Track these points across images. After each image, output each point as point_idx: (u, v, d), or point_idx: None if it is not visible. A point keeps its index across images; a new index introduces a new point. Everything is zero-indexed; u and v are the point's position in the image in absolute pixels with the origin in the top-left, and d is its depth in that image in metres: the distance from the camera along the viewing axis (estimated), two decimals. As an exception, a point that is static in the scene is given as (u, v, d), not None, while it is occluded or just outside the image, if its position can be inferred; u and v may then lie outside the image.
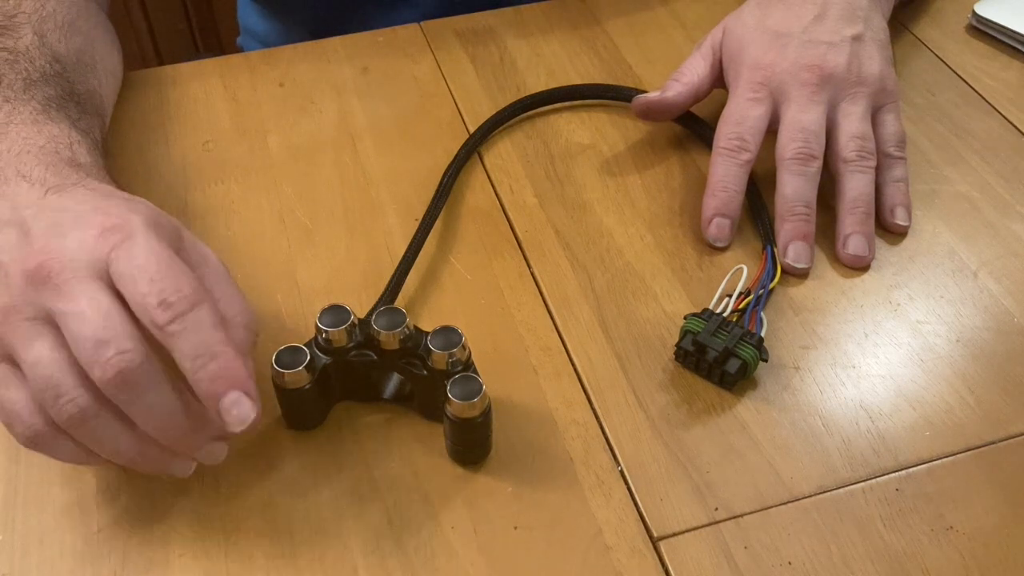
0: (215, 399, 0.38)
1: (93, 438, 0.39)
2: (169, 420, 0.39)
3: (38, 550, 0.42)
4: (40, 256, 0.39)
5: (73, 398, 0.37)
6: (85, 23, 0.58)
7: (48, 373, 0.38)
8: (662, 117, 0.60)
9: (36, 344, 0.38)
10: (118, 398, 0.38)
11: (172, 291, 0.38)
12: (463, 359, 0.43)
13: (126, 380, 0.37)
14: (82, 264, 0.39)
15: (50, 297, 0.38)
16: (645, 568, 0.41)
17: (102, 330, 0.37)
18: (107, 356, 0.37)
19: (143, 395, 0.38)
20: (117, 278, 0.39)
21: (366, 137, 0.61)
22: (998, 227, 0.55)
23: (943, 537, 0.42)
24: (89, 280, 0.39)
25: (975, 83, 0.65)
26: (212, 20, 1.44)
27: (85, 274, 0.39)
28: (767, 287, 0.50)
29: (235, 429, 0.39)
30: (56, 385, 0.38)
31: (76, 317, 0.38)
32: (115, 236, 0.39)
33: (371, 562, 0.41)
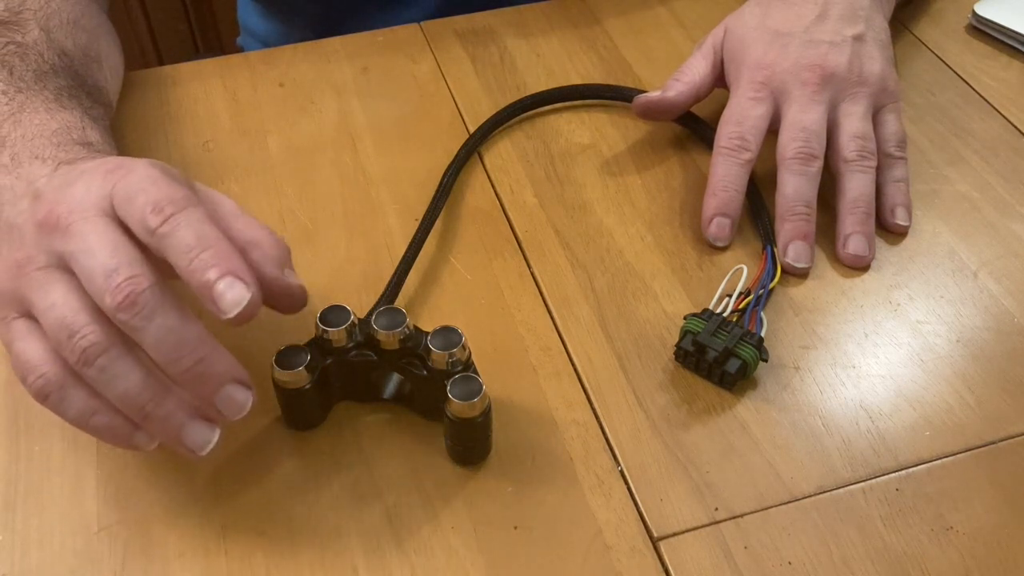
0: (209, 287, 0.37)
1: (104, 378, 0.38)
2: (182, 344, 0.37)
3: (38, 550, 0.42)
4: (49, 205, 0.40)
5: (85, 334, 0.37)
6: (89, 21, 0.58)
7: (62, 314, 0.38)
8: (663, 117, 0.60)
9: (50, 291, 0.39)
10: (130, 325, 0.37)
11: (164, 198, 0.38)
12: (463, 359, 0.43)
13: (135, 303, 0.37)
14: (89, 205, 0.39)
15: (60, 240, 0.39)
16: (645, 568, 0.41)
17: (110, 259, 0.37)
18: (116, 282, 0.37)
19: (153, 318, 0.37)
20: (118, 206, 0.39)
21: (366, 137, 0.61)
22: (998, 227, 0.55)
23: (943, 537, 0.42)
24: (96, 218, 0.39)
25: (975, 83, 0.65)
26: (212, 20, 1.44)
27: (92, 213, 0.39)
28: (767, 287, 0.50)
29: (230, 312, 0.37)
30: (69, 324, 0.38)
31: (85, 252, 0.38)
32: (118, 173, 0.40)
33: (371, 562, 0.41)
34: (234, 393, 0.39)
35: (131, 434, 0.39)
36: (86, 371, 0.38)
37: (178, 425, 0.39)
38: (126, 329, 0.38)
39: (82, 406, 0.39)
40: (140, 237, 0.38)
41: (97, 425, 0.39)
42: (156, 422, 0.38)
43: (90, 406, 0.39)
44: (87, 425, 0.39)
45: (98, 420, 0.39)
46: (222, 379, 0.38)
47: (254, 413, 0.45)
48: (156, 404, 0.38)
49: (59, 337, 0.38)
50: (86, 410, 0.39)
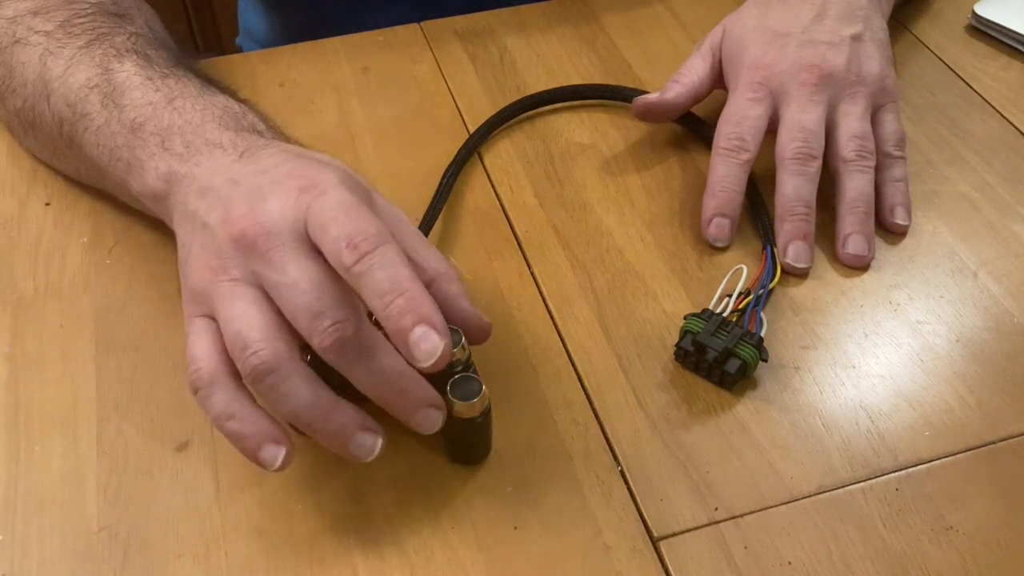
0: (404, 334, 0.38)
1: (273, 396, 0.39)
2: (387, 383, 0.39)
3: (38, 550, 0.42)
4: (244, 222, 0.40)
5: (257, 350, 0.38)
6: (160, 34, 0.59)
7: (238, 328, 0.39)
8: (662, 118, 0.60)
9: (235, 303, 0.40)
10: (338, 364, 0.39)
11: (358, 233, 0.39)
12: (463, 359, 0.43)
13: (343, 347, 0.38)
14: (285, 229, 0.40)
15: (259, 265, 0.40)
16: (645, 568, 0.41)
17: (316, 301, 0.38)
18: (324, 326, 0.38)
19: (360, 360, 0.39)
20: (312, 232, 0.40)
21: (366, 137, 0.61)
22: (998, 227, 0.55)
23: (943, 537, 0.42)
24: (294, 246, 0.40)
25: (975, 83, 0.65)
26: (212, 20, 1.43)
27: (289, 239, 0.40)
28: (767, 287, 0.50)
29: (424, 363, 0.38)
30: (244, 338, 0.39)
31: (289, 288, 0.39)
32: (310, 195, 0.41)
33: (371, 562, 0.41)
34: (430, 414, 0.41)
35: (260, 447, 0.40)
36: (256, 386, 0.39)
37: (346, 438, 0.40)
38: (334, 367, 0.39)
39: (221, 409, 0.40)
40: (336, 270, 0.39)
41: (230, 430, 0.40)
42: (323, 435, 0.40)
43: (228, 410, 0.39)
44: (222, 428, 0.40)
45: (232, 426, 0.40)
46: (419, 404, 0.40)
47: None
48: (324, 421, 0.40)
49: (233, 349, 0.39)
50: (223, 414, 0.40)
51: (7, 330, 0.49)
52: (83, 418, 0.46)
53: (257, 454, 0.39)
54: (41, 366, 0.48)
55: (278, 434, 0.39)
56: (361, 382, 0.39)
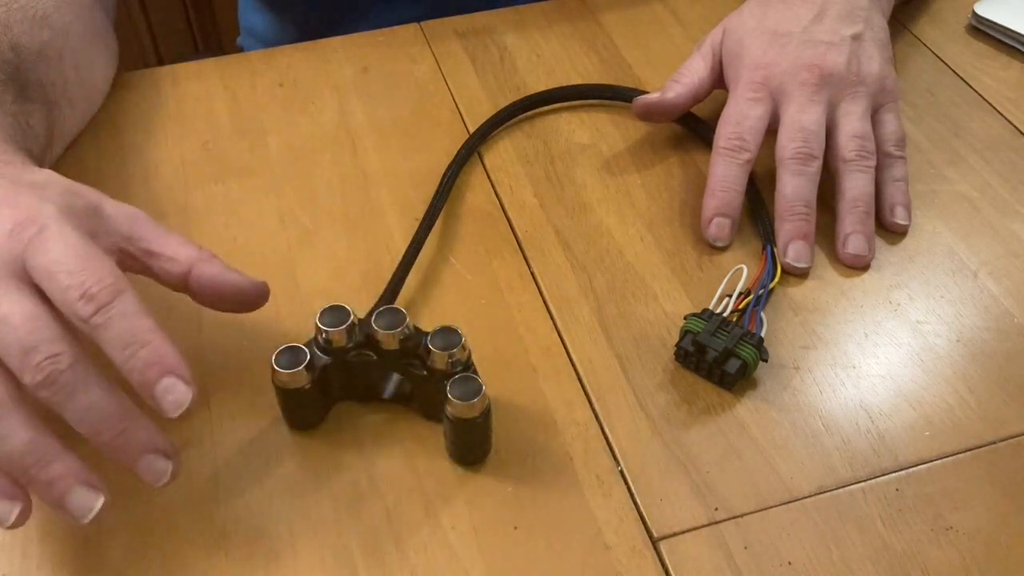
0: (150, 387, 0.38)
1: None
2: (105, 420, 0.38)
3: (38, 550, 0.42)
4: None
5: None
6: (60, 18, 0.57)
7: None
8: (662, 118, 0.60)
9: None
10: (51, 400, 0.37)
11: (93, 282, 0.38)
12: (463, 359, 0.43)
13: (55, 382, 0.37)
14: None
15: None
16: (645, 568, 0.41)
17: (28, 335, 0.37)
18: (35, 361, 0.36)
19: (75, 395, 0.37)
20: (35, 274, 0.38)
21: (366, 137, 0.61)
22: (998, 227, 0.55)
23: (943, 537, 0.42)
24: (8, 281, 0.38)
25: (975, 83, 0.65)
26: (212, 20, 1.44)
27: (2, 275, 0.38)
28: (767, 287, 0.50)
29: (172, 414, 0.38)
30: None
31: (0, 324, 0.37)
32: (27, 231, 0.39)
33: (371, 562, 0.41)
34: (154, 463, 0.39)
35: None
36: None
37: (62, 491, 0.37)
38: (48, 405, 0.37)
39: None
40: (66, 316, 0.38)
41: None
42: (40, 486, 0.37)
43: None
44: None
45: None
46: (143, 448, 0.38)
47: (254, 413, 0.46)
48: (40, 468, 0.37)
49: None
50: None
51: None
52: (83, 418, 0.46)
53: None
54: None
55: (11, 489, 0.37)
56: (79, 421, 0.37)
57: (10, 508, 0.37)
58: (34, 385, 0.37)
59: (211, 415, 0.46)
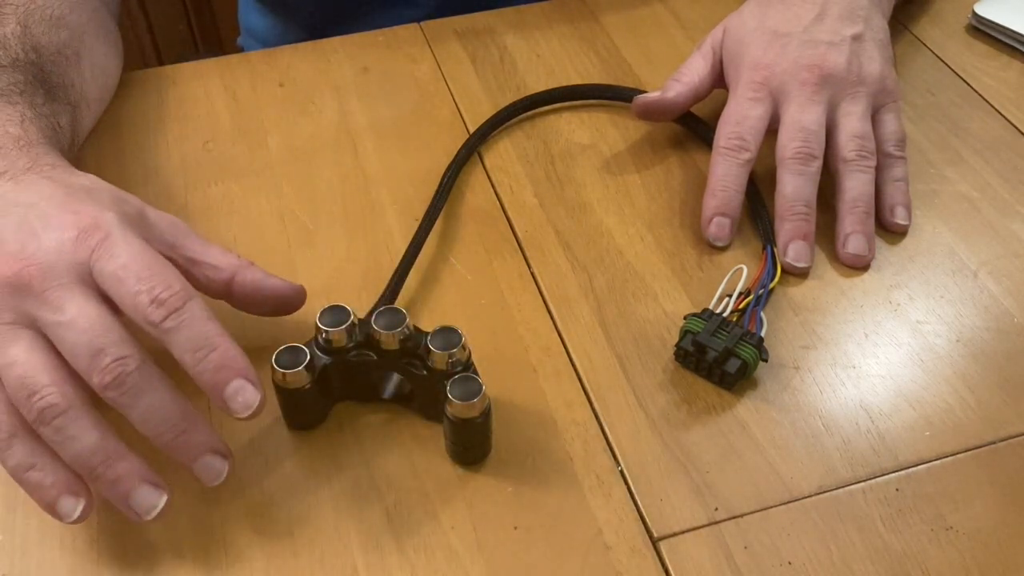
0: (219, 388, 0.39)
1: (59, 438, 0.38)
2: (168, 421, 0.39)
3: (38, 550, 0.42)
4: (18, 263, 0.39)
5: (44, 395, 0.38)
6: (76, 18, 0.58)
7: (22, 373, 0.38)
8: (662, 117, 0.60)
9: (12, 347, 0.39)
10: (118, 402, 0.38)
11: (163, 288, 0.39)
12: (463, 359, 0.43)
13: (123, 383, 0.38)
14: (63, 270, 0.39)
15: (34, 306, 0.39)
16: (645, 568, 0.41)
17: (96, 338, 0.38)
18: (104, 363, 0.38)
19: (142, 397, 0.38)
20: (103, 280, 0.39)
21: (366, 137, 0.61)
22: (998, 227, 0.55)
23: (943, 537, 0.42)
24: (74, 287, 0.39)
25: (975, 83, 0.65)
26: (212, 20, 1.44)
27: (68, 280, 0.39)
28: (767, 287, 0.50)
29: (242, 414, 0.39)
30: (29, 385, 0.38)
31: (65, 327, 0.38)
32: (93, 237, 0.40)
33: (371, 562, 0.41)
34: (212, 463, 0.40)
35: (57, 498, 0.39)
36: (42, 429, 0.38)
37: (127, 489, 0.39)
38: (115, 406, 0.38)
39: (20, 460, 0.39)
40: (136, 322, 0.39)
41: (29, 480, 0.39)
42: (106, 484, 0.39)
43: (28, 461, 0.39)
44: (21, 479, 0.39)
45: (31, 476, 0.39)
46: (202, 450, 0.40)
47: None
48: (107, 467, 0.39)
49: (18, 396, 0.38)
50: (23, 464, 0.39)
51: None
52: (83, 418, 0.46)
53: (55, 505, 0.39)
54: (41, 366, 0.48)
55: (77, 486, 0.39)
56: (143, 422, 0.39)
57: (75, 504, 0.39)
58: (102, 386, 0.38)
59: (211, 415, 0.46)
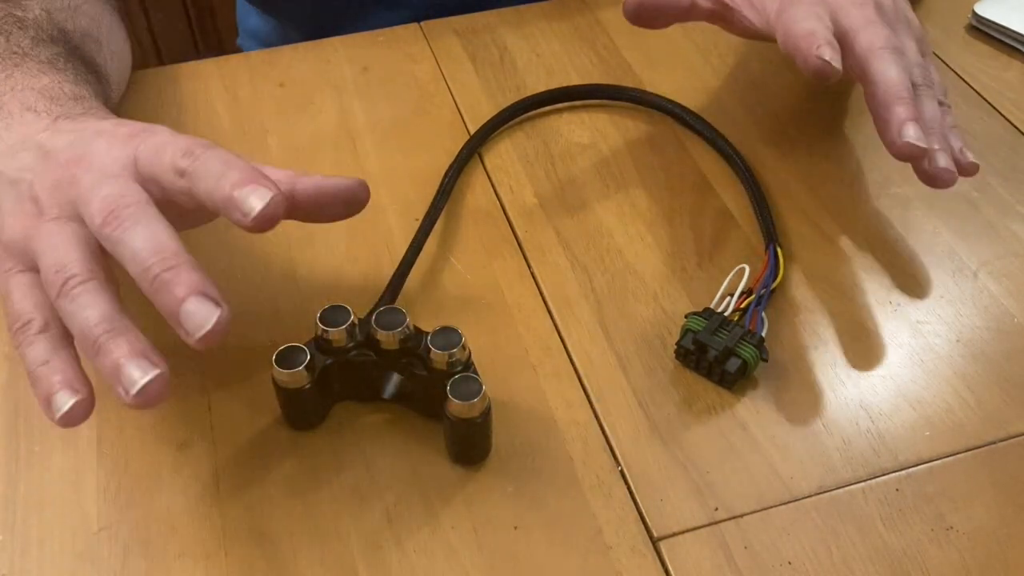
0: (233, 198, 0.38)
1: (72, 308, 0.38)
2: (157, 254, 0.37)
3: (38, 550, 0.42)
4: (68, 163, 0.40)
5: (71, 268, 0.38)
6: (91, 8, 0.58)
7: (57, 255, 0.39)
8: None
9: (54, 237, 0.39)
10: (111, 238, 0.38)
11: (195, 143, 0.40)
12: (463, 359, 0.43)
13: (118, 216, 0.38)
14: (112, 164, 0.40)
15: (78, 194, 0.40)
16: (645, 568, 0.41)
17: (103, 178, 0.39)
18: (102, 193, 0.39)
19: (133, 228, 0.38)
20: (144, 165, 0.40)
21: (366, 137, 0.61)
22: (998, 227, 0.55)
23: (943, 537, 0.42)
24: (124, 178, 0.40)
25: (975, 83, 0.65)
26: (212, 20, 1.44)
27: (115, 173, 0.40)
28: (769, 287, 0.50)
29: (253, 212, 0.37)
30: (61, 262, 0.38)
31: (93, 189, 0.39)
32: (140, 136, 0.41)
33: (371, 562, 0.41)
34: (200, 306, 0.37)
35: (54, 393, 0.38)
36: (61, 302, 0.38)
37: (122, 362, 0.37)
38: (109, 247, 0.38)
39: (39, 354, 0.39)
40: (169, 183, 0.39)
41: (39, 375, 0.38)
42: (104, 354, 0.37)
43: (45, 357, 0.39)
44: (33, 373, 0.39)
45: (41, 370, 0.38)
46: (188, 290, 0.37)
47: (254, 413, 0.46)
48: (110, 337, 0.37)
49: (48, 274, 0.38)
50: (40, 359, 0.39)
51: (7, 330, 0.49)
52: (83, 418, 0.46)
53: (51, 399, 0.38)
54: (41, 366, 0.48)
55: (79, 384, 0.38)
56: (131, 257, 0.38)
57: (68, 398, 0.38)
58: (100, 225, 0.38)
59: (211, 415, 0.46)
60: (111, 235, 0.38)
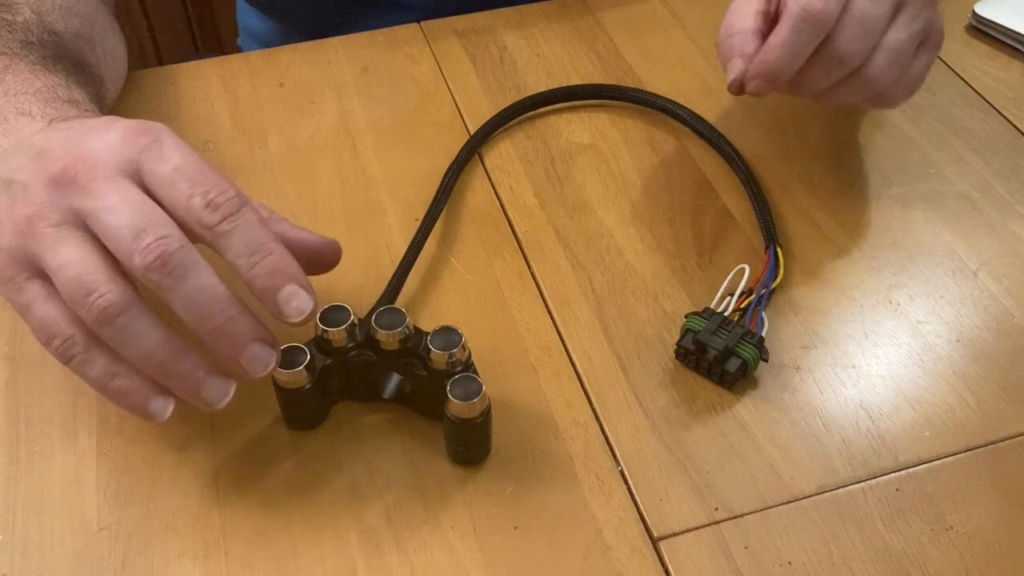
0: (273, 293, 0.38)
1: (123, 337, 0.38)
2: (213, 303, 0.38)
3: (38, 550, 0.42)
4: (62, 160, 0.39)
5: (103, 292, 0.37)
6: (83, 8, 0.58)
7: (76, 272, 0.37)
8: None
9: (64, 247, 0.38)
10: (161, 284, 0.37)
11: (218, 192, 0.38)
12: (463, 359, 0.43)
13: (166, 263, 0.37)
14: (111, 164, 0.39)
15: (78, 198, 0.38)
16: (645, 568, 0.41)
17: (138, 217, 0.37)
18: (146, 242, 0.37)
19: (186, 278, 0.37)
20: (153, 180, 0.39)
21: (366, 137, 0.61)
22: (998, 227, 0.55)
23: (943, 537, 0.42)
24: (119, 178, 0.39)
25: (975, 83, 0.65)
26: (212, 20, 1.44)
27: (114, 173, 0.39)
28: (769, 287, 0.50)
29: (295, 319, 0.39)
30: (87, 282, 0.37)
31: (109, 211, 0.38)
32: (142, 138, 0.40)
33: (371, 562, 0.41)
34: (260, 351, 0.39)
35: (148, 400, 0.39)
36: (104, 330, 0.38)
37: (198, 380, 0.39)
38: (157, 289, 0.37)
39: (103, 369, 0.39)
40: (189, 224, 0.38)
41: (117, 388, 0.39)
42: (176, 378, 0.39)
43: (111, 369, 0.39)
44: (107, 388, 0.39)
45: (118, 383, 0.39)
46: (248, 337, 0.39)
47: (254, 413, 0.46)
48: (175, 362, 0.38)
49: (75, 296, 0.37)
50: (107, 373, 0.39)
51: (7, 330, 0.49)
52: (83, 418, 0.46)
53: (146, 407, 0.39)
54: (41, 366, 0.48)
55: (159, 386, 0.39)
56: (187, 306, 0.38)
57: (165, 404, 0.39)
58: (145, 267, 0.37)
59: (211, 415, 0.46)
60: (160, 282, 0.37)
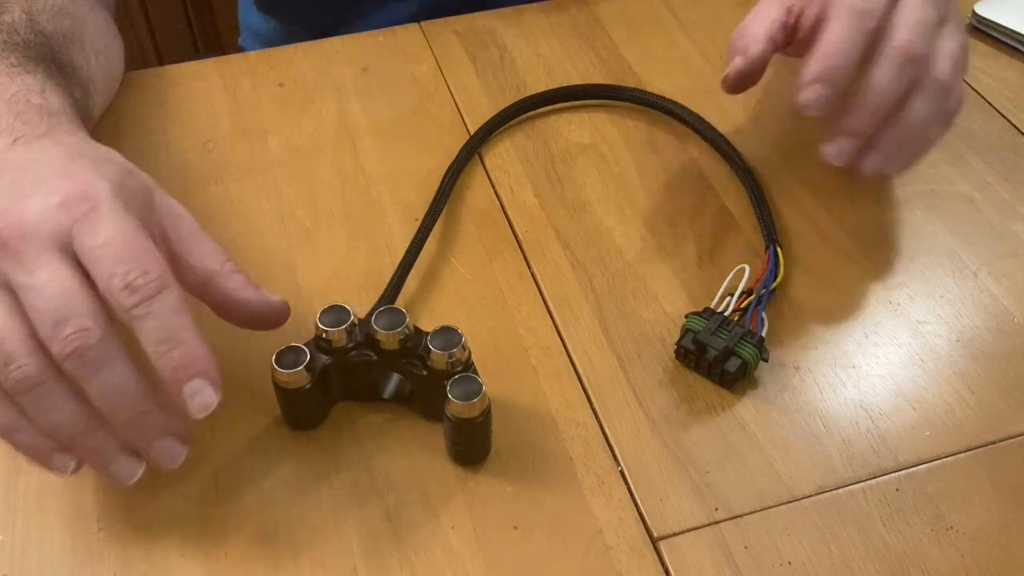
0: (179, 385, 0.38)
1: (37, 408, 0.38)
2: (125, 399, 0.38)
3: (38, 550, 0.42)
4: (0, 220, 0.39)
5: (21, 365, 0.37)
6: (77, 9, 0.58)
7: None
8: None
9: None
10: (76, 374, 0.38)
11: (139, 273, 0.38)
12: (463, 359, 0.43)
13: (82, 356, 0.37)
14: (44, 234, 0.39)
15: (9, 266, 0.38)
16: (645, 568, 0.41)
17: (61, 306, 0.37)
18: (65, 333, 0.37)
19: (100, 372, 0.38)
20: (83, 252, 0.39)
21: (366, 137, 0.61)
22: (998, 227, 0.55)
23: (943, 537, 0.42)
24: (50, 252, 0.38)
25: (975, 83, 0.65)
26: (212, 20, 1.44)
27: (46, 245, 0.38)
28: (769, 287, 0.50)
29: (198, 415, 0.39)
30: (7, 352, 0.37)
31: (35, 291, 0.38)
32: (79, 207, 0.39)
33: (371, 562, 0.41)
34: (168, 446, 0.40)
35: (51, 455, 0.39)
36: (19, 398, 0.38)
37: (106, 458, 0.40)
38: (73, 377, 0.38)
39: (6, 421, 0.39)
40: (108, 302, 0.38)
41: (19, 442, 0.39)
42: (83, 451, 0.39)
43: (15, 424, 0.39)
44: (9, 440, 0.39)
45: (20, 438, 0.39)
46: (157, 432, 0.40)
47: (254, 413, 0.46)
48: (85, 437, 0.39)
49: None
50: (9, 426, 0.39)
51: None
52: (83, 418, 0.46)
53: (49, 462, 0.39)
54: (41, 366, 0.48)
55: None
56: (99, 397, 0.38)
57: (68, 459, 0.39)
58: (61, 356, 0.37)
59: (211, 415, 0.46)
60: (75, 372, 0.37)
